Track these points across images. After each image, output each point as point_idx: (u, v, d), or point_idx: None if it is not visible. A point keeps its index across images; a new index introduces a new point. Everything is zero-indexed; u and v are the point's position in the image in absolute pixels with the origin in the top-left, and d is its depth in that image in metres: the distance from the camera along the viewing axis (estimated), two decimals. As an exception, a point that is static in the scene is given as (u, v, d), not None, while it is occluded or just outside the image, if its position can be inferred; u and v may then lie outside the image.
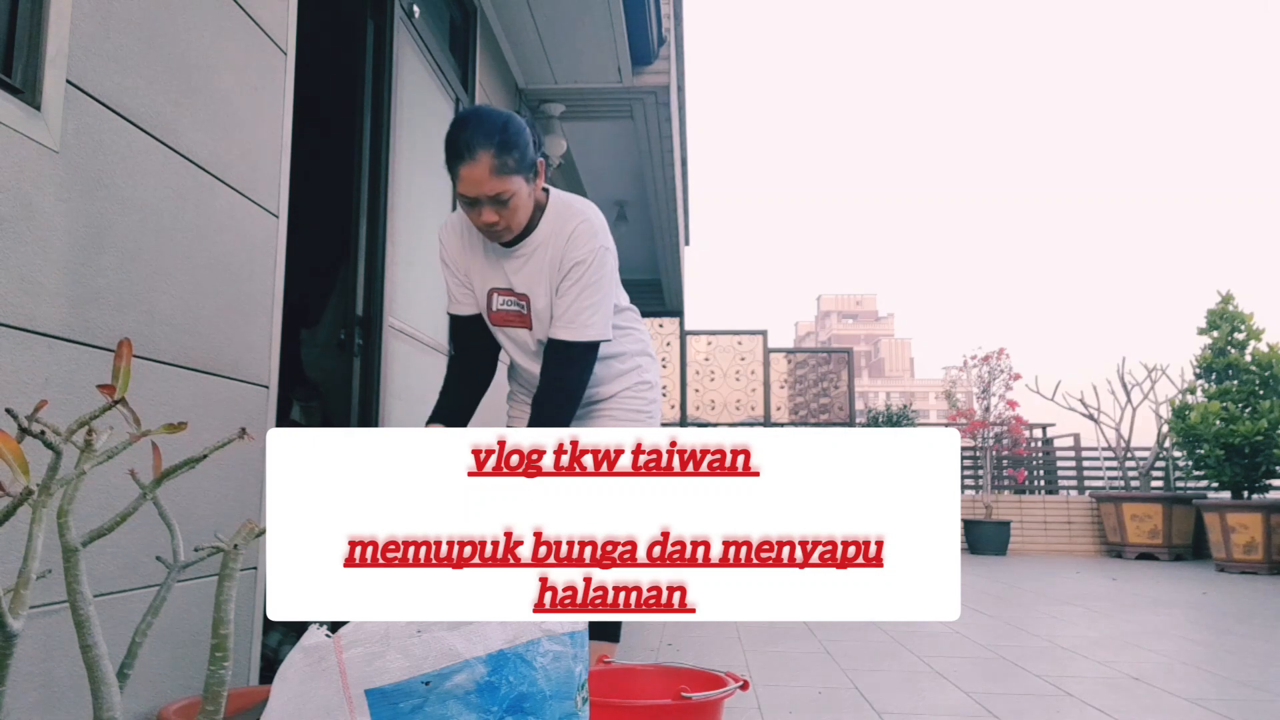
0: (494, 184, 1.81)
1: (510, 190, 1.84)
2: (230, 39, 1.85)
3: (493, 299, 2.06)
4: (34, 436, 0.96)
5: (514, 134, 1.84)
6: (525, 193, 1.89)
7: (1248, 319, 7.68)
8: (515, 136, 1.84)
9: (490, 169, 1.80)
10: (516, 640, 1.13)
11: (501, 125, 1.83)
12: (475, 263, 2.06)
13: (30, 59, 1.32)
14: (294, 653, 1.10)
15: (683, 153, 7.16)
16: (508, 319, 2.07)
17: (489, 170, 1.80)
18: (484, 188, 1.82)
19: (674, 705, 1.59)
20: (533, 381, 2.16)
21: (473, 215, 1.89)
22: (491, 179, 1.81)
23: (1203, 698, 2.69)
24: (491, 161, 1.80)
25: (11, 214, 1.26)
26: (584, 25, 4.21)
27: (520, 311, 2.04)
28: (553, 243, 1.97)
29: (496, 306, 2.06)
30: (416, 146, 3.15)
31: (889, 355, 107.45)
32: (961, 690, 2.75)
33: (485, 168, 1.80)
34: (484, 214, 1.86)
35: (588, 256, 1.95)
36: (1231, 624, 4.23)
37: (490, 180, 1.81)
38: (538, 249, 1.99)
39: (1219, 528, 7.12)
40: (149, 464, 1.16)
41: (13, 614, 0.93)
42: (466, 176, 1.82)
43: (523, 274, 2.00)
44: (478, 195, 1.83)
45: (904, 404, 9.62)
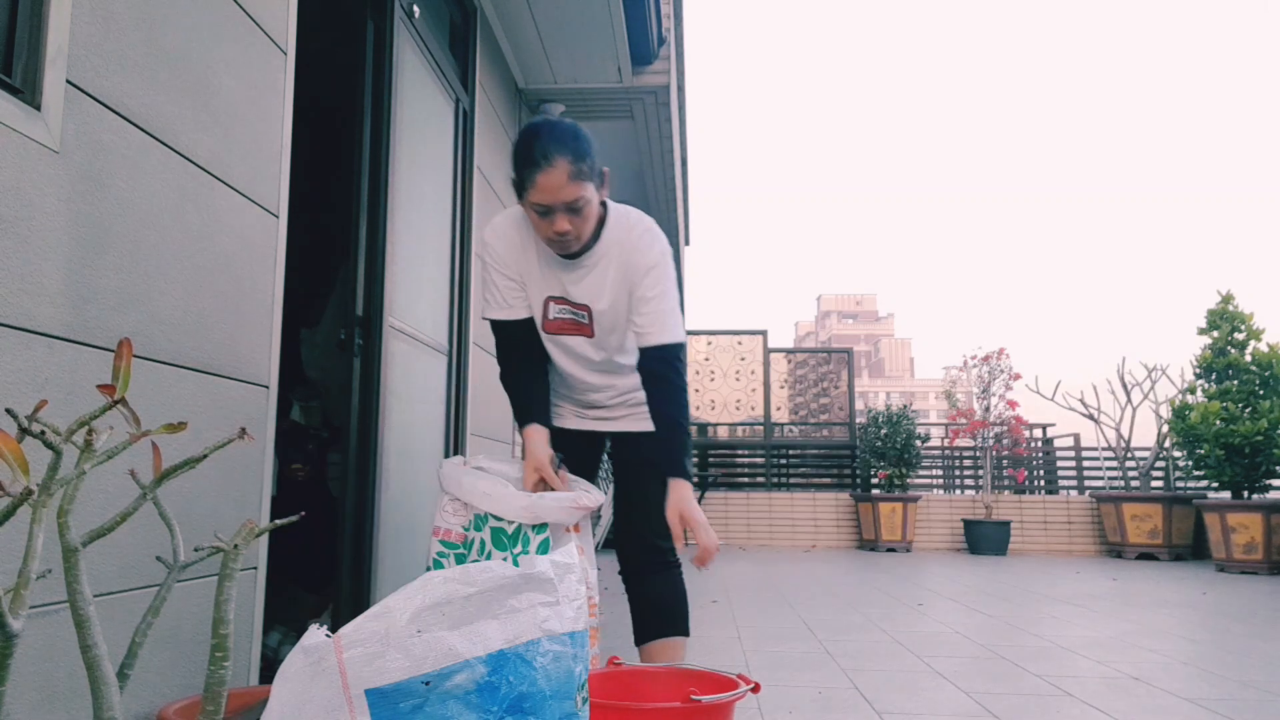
0: (571, 189, 1.83)
1: (585, 197, 1.86)
2: (230, 39, 1.85)
3: (549, 307, 2.05)
4: (34, 436, 0.96)
5: (585, 142, 1.88)
6: (595, 201, 1.91)
7: (1248, 319, 7.67)
8: (587, 145, 1.88)
9: (568, 175, 1.82)
10: (516, 640, 1.13)
11: (574, 133, 1.87)
12: (529, 269, 2.04)
13: (30, 59, 1.32)
14: (294, 653, 1.10)
15: (683, 153, 7.16)
16: (563, 327, 2.06)
17: (566, 176, 1.82)
18: (561, 194, 1.83)
19: (683, 708, 1.56)
20: (581, 388, 2.17)
21: (544, 225, 1.89)
22: (569, 185, 1.82)
23: (1203, 698, 2.69)
24: (569, 168, 1.81)
25: (11, 214, 1.26)
26: (584, 25, 4.21)
27: (578, 320, 2.04)
28: (616, 253, 1.99)
29: (553, 315, 2.05)
30: (416, 146, 3.15)
31: (889, 355, 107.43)
32: (961, 690, 2.75)
33: (563, 174, 1.81)
34: (558, 222, 1.86)
35: (659, 260, 1.99)
36: (1231, 624, 4.23)
37: (568, 186, 1.82)
38: (601, 260, 1.99)
39: (1219, 528, 7.12)
40: (149, 464, 1.16)
41: (13, 614, 0.93)
42: (544, 184, 1.82)
43: (584, 284, 2.01)
44: (554, 202, 1.84)
45: (904, 404, 9.61)
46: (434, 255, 3.37)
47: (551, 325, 2.08)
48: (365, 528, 2.62)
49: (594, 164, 1.90)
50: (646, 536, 2.13)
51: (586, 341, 2.07)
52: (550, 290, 2.04)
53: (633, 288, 1.99)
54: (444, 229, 3.52)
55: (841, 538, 9.10)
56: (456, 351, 3.63)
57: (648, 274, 1.98)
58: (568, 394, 2.22)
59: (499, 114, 4.35)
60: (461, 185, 3.75)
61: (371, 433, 2.66)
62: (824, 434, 10.53)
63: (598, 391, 2.17)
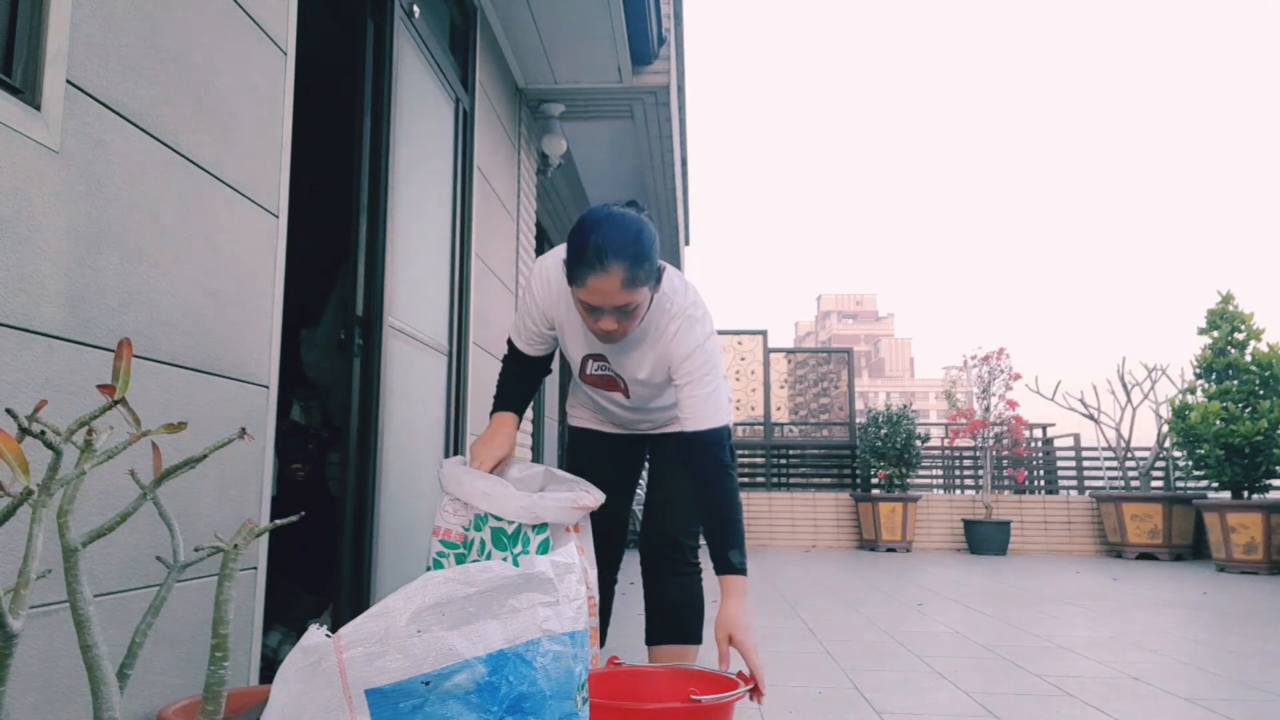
0: (623, 297, 1.74)
1: (637, 302, 1.77)
2: (230, 39, 1.85)
3: (587, 364, 2.05)
4: (34, 436, 0.96)
5: (647, 245, 1.76)
6: (646, 303, 1.84)
7: (1248, 319, 7.67)
8: (648, 248, 1.76)
9: (622, 281, 1.71)
10: (516, 640, 1.13)
11: (635, 236, 1.74)
12: (570, 328, 2.01)
13: (30, 59, 1.32)
14: (294, 653, 1.09)
15: (683, 153, 7.15)
16: (600, 383, 2.08)
17: (620, 284, 1.71)
18: (613, 300, 1.74)
19: (683, 709, 1.56)
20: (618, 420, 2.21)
21: (590, 319, 1.82)
22: (622, 292, 1.73)
23: (1203, 698, 2.68)
24: (624, 275, 1.71)
25: (11, 214, 1.26)
26: (584, 25, 4.21)
27: (615, 379, 2.05)
28: (651, 339, 1.94)
29: (590, 371, 2.06)
30: (416, 146, 3.15)
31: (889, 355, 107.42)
32: (961, 690, 2.75)
33: (617, 281, 1.71)
34: (604, 322, 1.79)
35: (693, 353, 1.89)
36: (1231, 624, 4.23)
37: (620, 294, 1.73)
38: (641, 340, 1.95)
39: (1219, 528, 7.12)
40: (149, 464, 1.16)
41: (13, 614, 0.93)
42: (596, 288, 1.73)
43: (622, 359, 2.00)
44: (603, 305, 1.76)
45: (904, 404, 9.61)
46: (434, 255, 3.37)
47: (590, 379, 2.10)
48: (365, 528, 2.62)
49: (653, 267, 1.79)
50: (669, 533, 2.13)
51: (622, 396, 2.11)
52: (590, 350, 2.02)
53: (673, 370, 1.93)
54: (444, 229, 3.53)
55: (841, 538, 9.10)
56: (456, 351, 3.63)
57: (684, 365, 1.90)
58: (604, 416, 2.26)
59: (499, 114, 4.35)
60: (461, 185, 3.75)
61: (371, 433, 2.67)
62: (824, 434, 10.53)
63: (635, 419, 2.22)
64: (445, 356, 3.50)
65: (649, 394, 2.08)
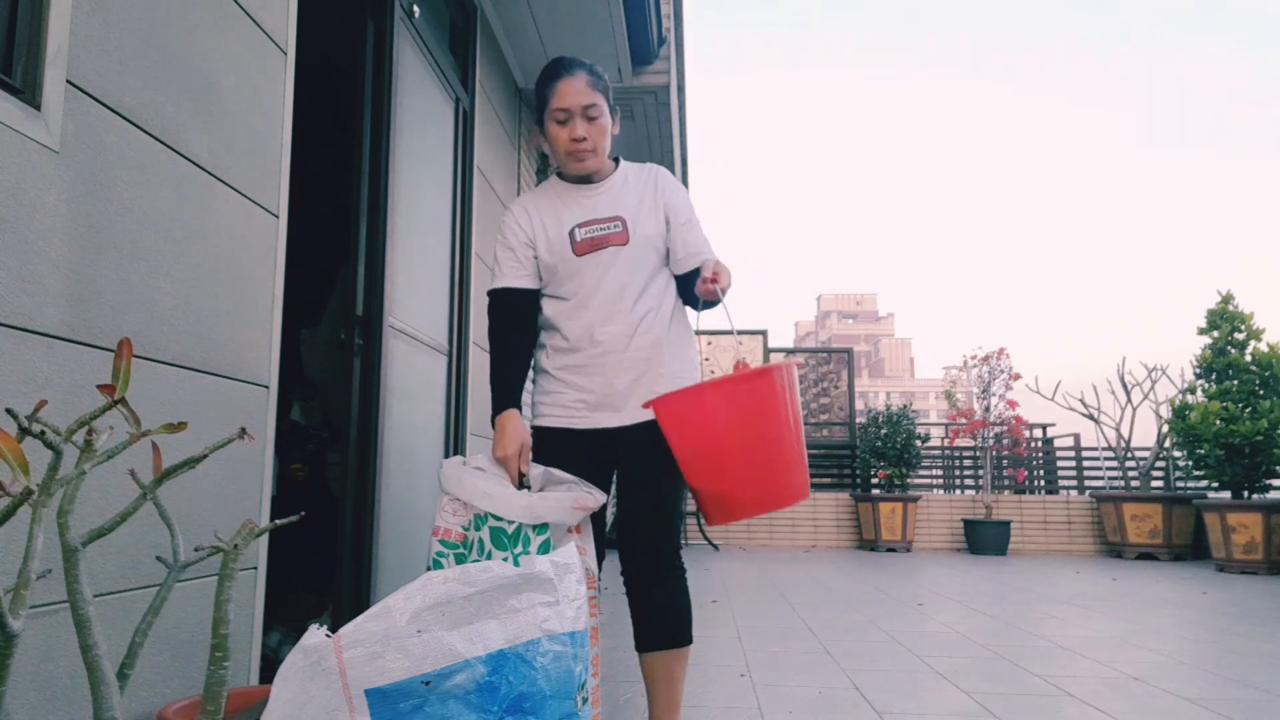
0: (589, 95, 2.06)
1: (601, 108, 2.07)
2: (230, 39, 1.85)
3: (575, 234, 2.10)
4: (34, 436, 0.96)
5: (601, 72, 2.14)
6: (609, 123, 2.12)
7: (1248, 319, 7.67)
8: (602, 74, 2.14)
9: (587, 83, 2.06)
10: (517, 640, 1.13)
11: (592, 63, 2.15)
12: (550, 216, 2.13)
13: (30, 59, 1.32)
14: (294, 653, 1.10)
15: (683, 152, 7.15)
16: (596, 243, 2.09)
17: (586, 84, 2.06)
18: (581, 98, 2.05)
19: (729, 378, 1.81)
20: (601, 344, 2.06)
21: (563, 134, 2.08)
22: (588, 91, 2.06)
23: (1203, 698, 2.68)
24: (588, 78, 2.07)
25: (11, 214, 1.26)
26: (584, 25, 4.21)
27: (610, 231, 2.10)
28: (635, 181, 2.18)
29: (581, 237, 2.10)
30: (416, 146, 3.15)
31: (889, 355, 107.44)
32: (961, 690, 2.75)
33: (583, 81, 2.06)
34: (575, 128, 2.06)
35: (683, 191, 2.21)
36: (1231, 624, 4.23)
37: (587, 92, 2.05)
38: (623, 182, 2.17)
39: (1219, 528, 7.12)
40: (149, 464, 1.16)
41: (13, 614, 0.93)
42: (564, 89, 2.05)
43: (610, 198, 2.13)
44: (572, 106, 2.05)
45: (904, 404, 9.61)
46: (434, 255, 3.37)
47: (583, 246, 2.08)
48: (365, 528, 2.62)
49: (608, 89, 2.13)
50: (651, 544, 2.04)
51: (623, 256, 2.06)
52: (576, 219, 2.11)
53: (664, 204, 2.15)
54: (444, 229, 3.52)
55: (841, 538, 9.10)
56: (456, 351, 3.63)
57: (675, 196, 2.17)
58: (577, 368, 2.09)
59: (499, 114, 4.35)
60: (461, 185, 3.75)
61: (371, 433, 2.66)
62: (824, 434, 10.52)
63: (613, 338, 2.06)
64: (445, 356, 3.50)
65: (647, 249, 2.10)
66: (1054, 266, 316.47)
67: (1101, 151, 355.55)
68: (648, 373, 2.06)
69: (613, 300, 2.07)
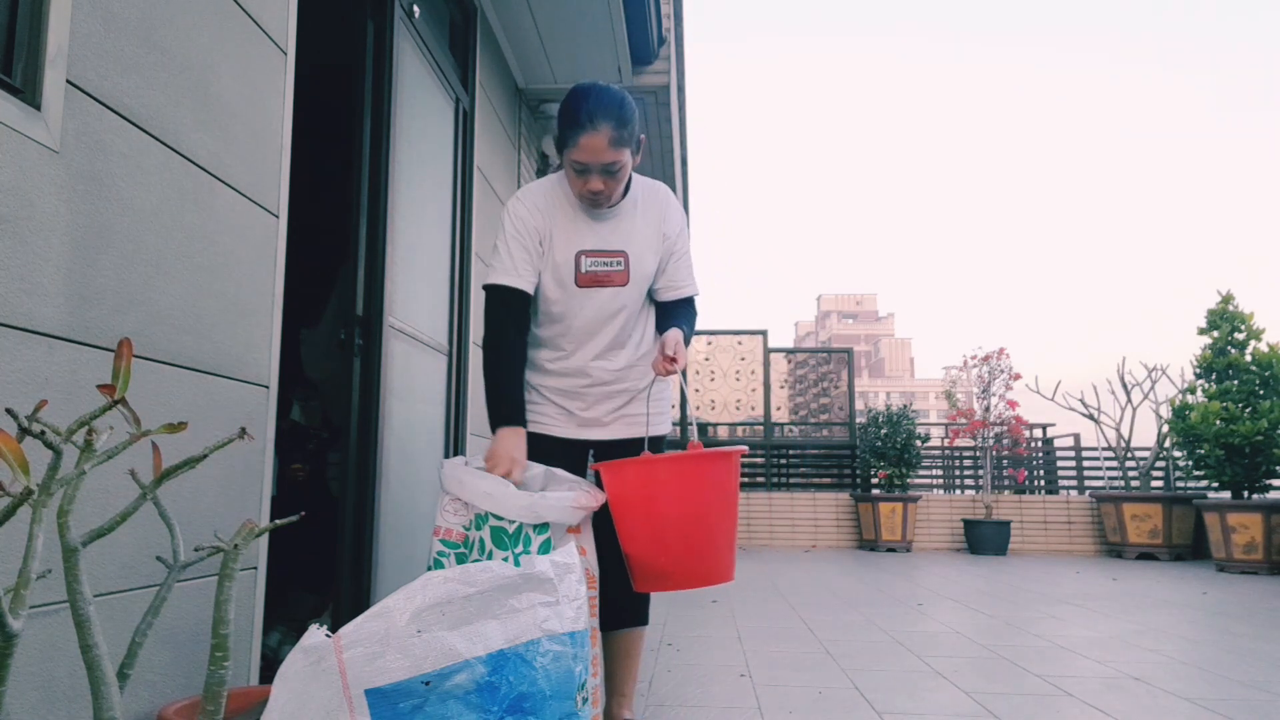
0: (610, 154, 1.96)
1: (622, 162, 2.00)
2: (230, 39, 1.85)
3: (581, 261, 2.09)
4: (34, 436, 0.96)
5: (630, 111, 2.01)
6: (630, 166, 2.06)
7: (1248, 319, 7.67)
8: (631, 114, 2.01)
9: (609, 140, 1.95)
10: (517, 640, 1.13)
11: (620, 101, 2.00)
12: (559, 227, 2.10)
13: (30, 59, 1.32)
14: (294, 653, 1.09)
15: (683, 152, 7.15)
16: (597, 279, 2.10)
17: (608, 141, 1.95)
18: (601, 156, 1.96)
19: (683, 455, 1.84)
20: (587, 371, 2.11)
21: (579, 182, 2.02)
22: (609, 150, 1.96)
23: (1203, 698, 2.69)
24: (611, 133, 1.95)
25: (11, 214, 1.26)
26: (584, 25, 4.21)
27: (613, 269, 2.10)
28: (646, 205, 2.16)
29: (585, 268, 2.09)
30: (416, 147, 3.15)
31: (889, 355, 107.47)
32: (961, 690, 2.75)
33: (605, 139, 1.95)
34: (592, 181, 2.00)
35: (682, 221, 2.21)
36: (1231, 624, 4.23)
37: (607, 151, 1.96)
38: (633, 209, 2.14)
39: (1219, 528, 7.12)
40: (149, 464, 1.16)
41: (13, 614, 0.93)
42: (586, 145, 1.95)
43: (619, 230, 2.11)
44: (592, 163, 1.97)
45: (904, 404, 9.61)
46: (434, 255, 3.37)
47: (585, 279, 2.09)
48: (365, 528, 2.62)
49: (634, 132, 2.03)
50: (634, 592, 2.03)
51: (622, 293, 2.11)
52: (583, 244, 2.09)
53: (665, 237, 2.15)
54: (444, 229, 3.53)
55: (841, 538, 9.10)
56: (456, 351, 3.63)
57: (679, 232, 2.17)
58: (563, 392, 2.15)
59: (499, 114, 4.35)
60: (461, 185, 3.75)
61: (371, 432, 2.66)
62: (824, 434, 10.52)
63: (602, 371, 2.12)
64: (445, 356, 3.50)
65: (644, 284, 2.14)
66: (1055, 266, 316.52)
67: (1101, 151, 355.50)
68: (630, 403, 2.18)
69: (607, 337, 2.13)
